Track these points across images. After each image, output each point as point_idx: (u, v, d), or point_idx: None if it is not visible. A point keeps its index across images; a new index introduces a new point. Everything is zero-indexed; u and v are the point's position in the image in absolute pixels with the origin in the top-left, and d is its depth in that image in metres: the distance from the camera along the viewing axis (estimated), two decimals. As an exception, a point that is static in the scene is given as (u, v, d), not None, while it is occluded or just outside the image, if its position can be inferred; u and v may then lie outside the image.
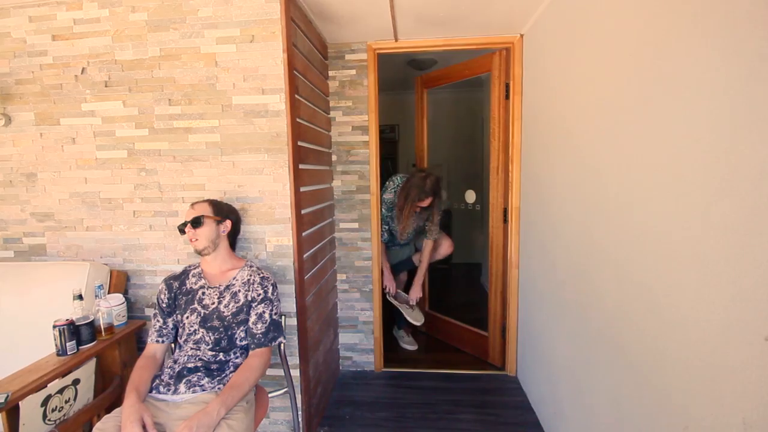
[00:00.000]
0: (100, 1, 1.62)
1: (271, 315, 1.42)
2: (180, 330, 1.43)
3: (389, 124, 4.71)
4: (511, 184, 2.30)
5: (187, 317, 1.40)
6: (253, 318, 1.40)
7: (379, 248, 2.46)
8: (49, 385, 1.24)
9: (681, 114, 0.90)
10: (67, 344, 1.35)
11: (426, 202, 2.39)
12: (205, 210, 1.45)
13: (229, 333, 1.39)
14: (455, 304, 3.49)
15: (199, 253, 1.44)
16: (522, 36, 2.18)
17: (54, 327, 1.34)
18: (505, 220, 2.38)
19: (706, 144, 0.82)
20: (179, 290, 1.45)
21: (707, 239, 0.82)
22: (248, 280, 1.45)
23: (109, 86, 1.66)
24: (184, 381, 1.28)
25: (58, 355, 1.35)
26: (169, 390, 1.27)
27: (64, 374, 1.30)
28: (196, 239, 1.42)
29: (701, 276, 0.84)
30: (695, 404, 0.86)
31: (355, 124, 2.34)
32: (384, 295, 2.61)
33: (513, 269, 2.33)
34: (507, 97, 2.29)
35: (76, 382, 1.33)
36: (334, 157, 2.37)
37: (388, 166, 4.76)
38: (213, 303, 1.41)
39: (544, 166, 1.86)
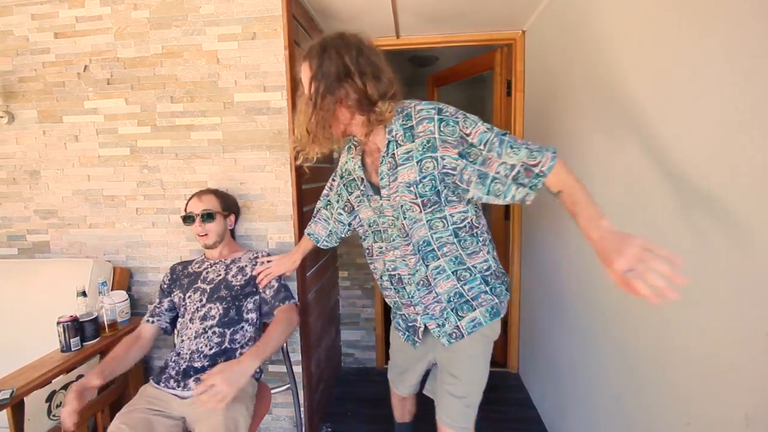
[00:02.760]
0: (101, -1, 1.62)
1: (278, 280, 1.45)
2: (182, 310, 1.41)
3: (391, 122, 4.69)
4: (513, 181, 2.29)
5: (190, 296, 1.40)
6: (263, 293, 1.43)
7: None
8: (53, 381, 1.25)
9: (683, 108, 0.89)
10: (71, 341, 1.36)
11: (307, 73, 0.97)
12: (213, 204, 1.45)
13: (237, 303, 1.38)
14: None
15: (207, 247, 1.45)
16: (524, 32, 2.17)
17: (58, 323, 1.35)
18: (507, 218, 2.38)
19: (706, 139, 0.81)
20: (182, 272, 1.48)
21: (709, 234, 0.82)
22: (255, 257, 1.48)
23: (111, 84, 1.66)
24: (193, 379, 1.27)
25: (62, 351, 1.36)
26: (178, 386, 1.27)
27: (68, 370, 1.31)
28: (206, 234, 1.42)
29: (703, 272, 0.84)
30: (697, 400, 0.86)
31: (356, 121, 2.33)
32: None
33: (515, 267, 2.33)
34: (509, 93, 2.28)
35: (80, 378, 1.34)
36: (335, 155, 2.37)
37: (389, 164, 4.74)
38: (219, 275, 1.42)
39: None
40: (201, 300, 1.38)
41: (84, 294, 1.44)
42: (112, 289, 1.64)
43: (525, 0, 1.80)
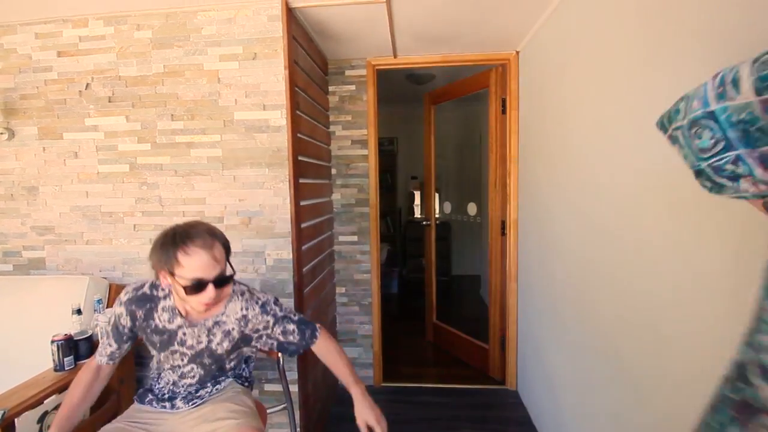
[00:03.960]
0: (105, 19, 1.65)
1: (294, 321, 1.23)
2: (155, 360, 1.24)
3: (388, 137, 4.76)
4: (509, 197, 2.32)
5: (166, 356, 1.18)
6: (279, 339, 1.22)
7: (378, 260, 2.46)
8: (45, 402, 1.23)
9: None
10: (65, 359, 1.34)
11: None
12: (223, 255, 1.07)
13: (220, 363, 1.23)
14: (457, 316, 3.48)
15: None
16: (518, 52, 2.23)
17: (52, 342, 1.33)
18: (503, 233, 2.40)
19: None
20: (145, 323, 1.16)
21: (702, 253, 0.83)
22: (243, 315, 1.18)
23: (112, 101, 1.68)
24: (180, 398, 1.20)
25: (55, 370, 1.34)
26: (165, 408, 1.20)
27: (61, 390, 1.29)
28: (216, 301, 1.08)
29: (696, 290, 0.85)
30: (695, 419, 0.86)
31: (354, 138, 2.37)
32: (383, 306, 2.58)
33: (512, 282, 2.34)
34: (504, 111, 2.33)
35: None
36: (333, 171, 2.39)
37: (386, 179, 4.79)
38: (201, 342, 1.16)
39: (541, 179, 1.88)
40: (182, 360, 1.18)
41: (79, 312, 1.42)
42: (107, 307, 1.62)
43: (518, 22, 1.86)
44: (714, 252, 0.80)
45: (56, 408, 1.25)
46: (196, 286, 1.01)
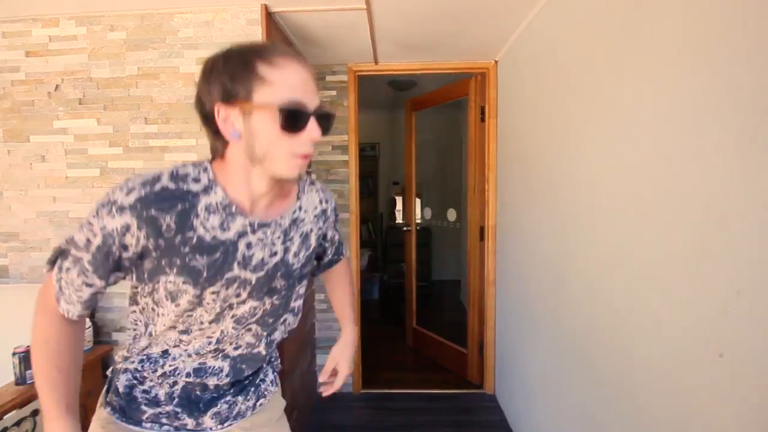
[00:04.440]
0: (77, 19, 1.61)
1: (338, 231, 0.99)
2: (181, 306, 0.68)
3: (370, 143, 4.77)
4: (487, 203, 2.36)
5: (218, 292, 0.68)
6: (325, 246, 0.95)
7: (359, 266, 2.45)
8: (5, 417, 1.17)
9: (640, 143, 0.96)
10: (27, 372, 1.28)
11: None
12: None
13: (290, 294, 0.80)
14: (437, 321, 3.50)
15: (290, 179, 0.67)
16: (496, 62, 2.28)
17: (13, 354, 1.27)
18: (482, 238, 2.43)
19: (663, 173, 0.87)
20: (179, 236, 0.63)
21: (666, 262, 0.86)
22: (323, 210, 0.83)
23: (83, 104, 1.63)
24: (210, 414, 0.79)
25: (16, 384, 1.27)
26: (179, 425, 0.77)
27: (22, 405, 1.23)
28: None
29: (661, 297, 0.88)
30: (664, 421, 0.89)
31: (335, 143, 2.36)
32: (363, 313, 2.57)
33: (490, 287, 2.37)
34: (482, 119, 2.37)
35: (35, 413, 1.26)
36: (313, 176, 2.38)
37: (368, 184, 4.79)
38: (275, 253, 0.73)
39: (518, 186, 1.92)
40: (239, 295, 0.70)
41: (44, 322, 1.36)
42: (75, 316, 1.56)
43: (496, 33, 1.90)
44: (676, 258, 0.83)
45: (17, 424, 1.19)
46: (296, 115, 0.60)
